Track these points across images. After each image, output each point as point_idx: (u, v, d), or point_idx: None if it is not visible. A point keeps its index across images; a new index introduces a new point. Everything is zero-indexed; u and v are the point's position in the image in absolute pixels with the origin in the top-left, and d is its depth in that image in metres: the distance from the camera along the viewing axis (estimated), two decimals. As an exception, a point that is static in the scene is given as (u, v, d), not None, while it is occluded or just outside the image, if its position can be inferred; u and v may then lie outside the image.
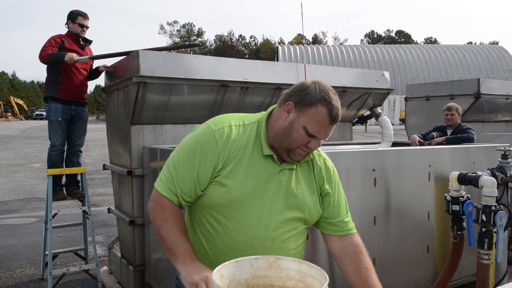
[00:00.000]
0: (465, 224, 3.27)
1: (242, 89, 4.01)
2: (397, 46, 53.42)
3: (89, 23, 4.56)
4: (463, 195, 3.28)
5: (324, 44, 70.72)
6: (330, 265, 2.79)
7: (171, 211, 1.51)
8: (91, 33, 4.67)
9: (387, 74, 5.20)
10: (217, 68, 3.84)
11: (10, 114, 65.90)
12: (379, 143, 5.00)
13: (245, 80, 3.97)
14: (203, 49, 77.14)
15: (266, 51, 76.71)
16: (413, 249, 3.31)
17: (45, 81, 4.56)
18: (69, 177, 4.53)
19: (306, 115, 1.46)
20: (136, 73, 3.44)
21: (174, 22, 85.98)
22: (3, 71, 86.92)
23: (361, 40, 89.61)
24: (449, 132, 4.98)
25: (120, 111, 3.99)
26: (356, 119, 5.35)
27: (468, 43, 68.52)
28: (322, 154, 1.71)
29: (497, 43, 74.82)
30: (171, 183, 1.51)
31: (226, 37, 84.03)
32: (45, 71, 4.48)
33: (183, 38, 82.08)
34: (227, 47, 79.61)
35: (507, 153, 3.39)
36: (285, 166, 1.57)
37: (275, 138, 1.53)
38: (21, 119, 62.89)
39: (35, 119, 61.11)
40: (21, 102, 69.72)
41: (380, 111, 5.17)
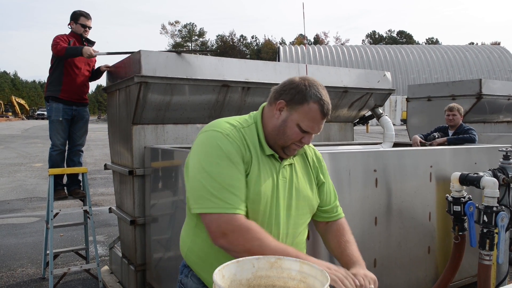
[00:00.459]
0: (466, 225, 3.26)
1: (243, 89, 4.01)
2: (399, 46, 53.44)
3: (92, 23, 4.57)
4: (465, 195, 3.27)
5: (325, 44, 70.72)
6: (331, 266, 2.78)
7: (252, 225, 1.41)
8: (92, 33, 4.69)
9: (388, 74, 5.20)
10: (218, 68, 3.84)
11: (10, 113, 65.98)
12: (380, 143, 5.00)
13: (246, 80, 3.97)
14: (205, 49, 77.14)
15: (267, 52, 76.75)
16: (414, 249, 3.30)
17: (47, 80, 4.57)
18: (70, 176, 4.53)
19: (298, 113, 1.49)
20: (137, 73, 3.44)
21: (175, 22, 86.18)
22: (4, 71, 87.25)
23: (363, 40, 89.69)
24: (450, 132, 4.97)
25: (121, 111, 3.99)
26: (357, 120, 5.34)
27: (469, 44, 68.48)
28: (310, 144, 1.75)
29: (499, 44, 74.72)
30: (230, 198, 1.40)
31: (227, 37, 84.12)
32: (47, 71, 4.49)
33: (185, 38, 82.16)
34: (228, 47, 79.62)
35: (508, 154, 3.38)
36: (285, 162, 1.60)
37: (270, 136, 1.56)
38: (23, 119, 62.99)
39: (37, 118, 61.18)
40: (22, 101, 69.84)
41: (381, 112, 5.16)
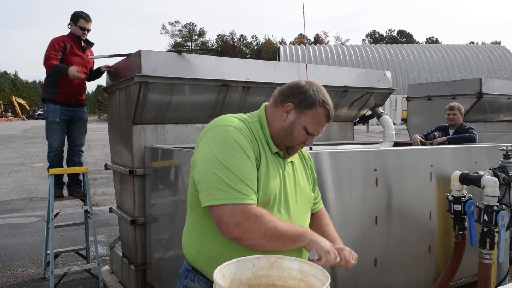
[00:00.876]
0: (467, 224, 3.26)
1: (243, 89, 4.00)
2: (399, 46, 53.42)
3: (92, 26, 4.54)
4: (465, 195, 3.27)
5: (325, 44, 70.70)
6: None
7: (263, 211, 1.42)
8: (92, 33, 4.69)
9: (388, 74, 5.20)
10: (218, 68, 3.84)
11: (10, 113, 65.98)
12: (380, 143, 5.00)
13: (246, 80, 3.97)
14: (205, 48, 77.09)
15: (267, 51, 76.72)
16: (415, 248, 3.30)
17: (44, 81, 4.57)
18: (71, 176, 4.54)
19: (306, 116, 1.56)
20: (137, 73, 3.44)
21: (176, 22, 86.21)
22: (5, 71, 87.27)
23: (363, 40, 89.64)
24: (451, 132, 4.96)
25: (121, 110, 3.99)
26: (357, 119, 5.34)
27: (470, 43, 68.46)
28: None
29: (499, 43, 74.67)
30: (245, 189, 1.40)
31: (227, 37, 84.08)
32: (45, 72, 4.49)
33: (185, 38, 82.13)
34: (228, 47, 79.59)
35: (509, 153, 3.38)
36: (288, 159, 1.65)
37: (276, 136, 1.59)
38: (23, 119, 63.03)
39: (37, 119, 61.22)
40: (23, 102, 69.89)
41: (381, 111, 5.16)
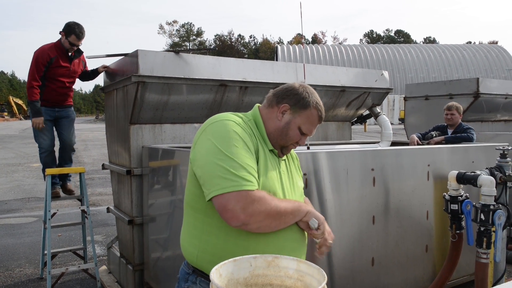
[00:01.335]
0: (463, 223, 3.27)
1: (241, 88, 4.00)
2: (396, 45, 53.45)
3: (83, 42, 4.38)
4: (462, 194, 3.28)
5: (323, 43, 70.73)
6: (328, 264, 2.79)
7: (263, 193, 1.46)
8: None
9: (386, 73, 5.21)
10: (216, 67, 3.84)
11: (6, 113, 65.76)
12: (378, 142, 5.00)
13: (244, 79, 3.97)
14: (203, 48, 77.06)
15: (265, 51, 76.68)
16: (412, 248, 3.31)
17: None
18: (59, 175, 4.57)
19: (301, 117, 1.64)
20: (135, 73, 3.44)
21: (173, 21, 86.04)
22: (2, 71, 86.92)
23: (360, 39, 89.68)
24: (449, 131, 4.96)
25: (119, 110, 3.99)
26: (355, 119, 5.35)
27: (467, 43, 68.56)
28: None
29: (496, 43, 74.84)
30: (248, 176, 1.43)
31: (225, 37, 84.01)
32: None
33: (183, 38, 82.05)
34: (226, 47, 79.54)
35: (506, 152, 3.39)
36: (281, 158, 1.69)
37: (271, 136, 1.64)
38: (20, 119, 62.81)
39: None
40: (20, 102, 69.58)
41: (379, 111, 5.17)
